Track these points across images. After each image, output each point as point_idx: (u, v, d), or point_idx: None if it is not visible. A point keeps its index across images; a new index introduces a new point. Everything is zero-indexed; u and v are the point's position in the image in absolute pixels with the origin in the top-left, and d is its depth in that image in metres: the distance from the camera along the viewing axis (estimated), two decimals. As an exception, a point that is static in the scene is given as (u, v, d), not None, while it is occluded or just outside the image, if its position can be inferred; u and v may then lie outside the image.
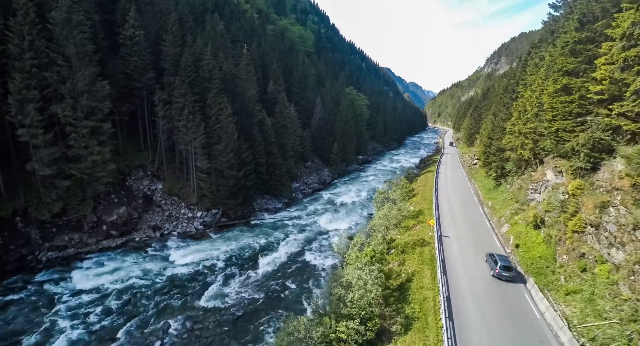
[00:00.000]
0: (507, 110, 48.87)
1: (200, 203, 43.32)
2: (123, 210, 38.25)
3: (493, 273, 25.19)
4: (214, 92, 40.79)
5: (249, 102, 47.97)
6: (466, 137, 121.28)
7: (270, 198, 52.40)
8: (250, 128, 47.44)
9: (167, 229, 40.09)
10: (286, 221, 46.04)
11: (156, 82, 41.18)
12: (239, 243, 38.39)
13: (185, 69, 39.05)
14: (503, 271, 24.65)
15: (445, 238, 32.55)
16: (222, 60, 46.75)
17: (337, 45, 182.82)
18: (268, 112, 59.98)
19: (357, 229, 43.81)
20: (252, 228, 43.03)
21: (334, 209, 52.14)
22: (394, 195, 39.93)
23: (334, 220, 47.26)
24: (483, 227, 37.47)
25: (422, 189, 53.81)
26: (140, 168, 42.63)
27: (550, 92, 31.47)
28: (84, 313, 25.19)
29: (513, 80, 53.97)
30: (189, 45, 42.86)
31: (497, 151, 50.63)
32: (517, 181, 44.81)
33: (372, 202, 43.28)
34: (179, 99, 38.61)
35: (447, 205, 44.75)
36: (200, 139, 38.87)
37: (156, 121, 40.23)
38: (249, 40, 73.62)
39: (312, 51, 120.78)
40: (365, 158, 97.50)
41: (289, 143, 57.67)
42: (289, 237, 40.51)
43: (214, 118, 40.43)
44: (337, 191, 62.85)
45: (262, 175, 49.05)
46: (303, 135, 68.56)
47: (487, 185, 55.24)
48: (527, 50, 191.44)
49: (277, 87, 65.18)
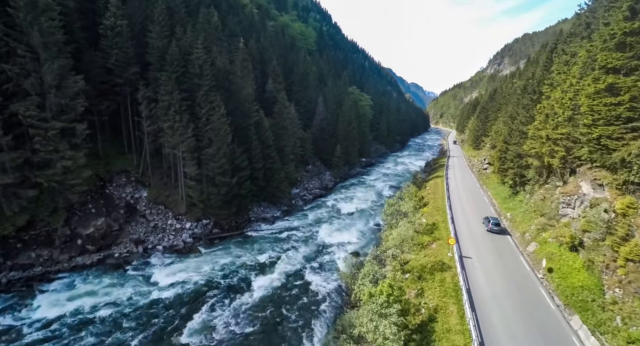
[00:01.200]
0: (528, 112, 44.64)
1: (190, 213, 39.11)
2: (101, 221, 34.03)
3: (487, 229, 35.38)
4: (205, 89, 36.56)
5: (244, 101, 43.75)
6: (472, 139, 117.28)
7: (267, 205, 48.18)
8: (246, 129, 43.21)
9: (152, 243, 35.86)
10: (285, 232, 41.81)
11: (141, 77, 36.95)
12: (231, 259, 34.18)
13: (172, 62, 34.79)
14: (494, 227, 35.03)
15: (466, 260, 28.37)
16: (216, 54, 42.51)
17: (340, 43, 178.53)
18: (266, 112, 55.72)
19: (363, 242, 39.68)
20: (247, 241, 38.81)
21: (337, 218, 47.92)
22: (405, 206, 35.67)
23: (338, 231, 43.04)
24: (506, 244, 33.28)
25: (433, 197, 49.62)
26: (123, 173, 38.39)
27: (589, 93, 27.27)
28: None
29: (532, 80, 49.75)
30: (178, 37, 38.59)
31: (515, 157, 46.46)
32: (540, 191, 40.67)
33: (381, 214, 39.06)
34: (164, 97, 34.39)
35: (462, 217, 40.58)
36: (188, 142, 34.65)
37: (140, 121, 35.98)
38: (247, 36, 69.36)
39: (313, 49, 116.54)
40: (369, 161, 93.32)
41: (288, 146, 53.47)
42: (288, 252, 36.30)
43: (204, 119, 36.20)
44: (340, 197, 58.66)
45: (258, 181, 44.83)
46: (304, 136, 64.35)
47: (502, 193, 51.15)
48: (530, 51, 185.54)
49: (277, 85, 60.95)
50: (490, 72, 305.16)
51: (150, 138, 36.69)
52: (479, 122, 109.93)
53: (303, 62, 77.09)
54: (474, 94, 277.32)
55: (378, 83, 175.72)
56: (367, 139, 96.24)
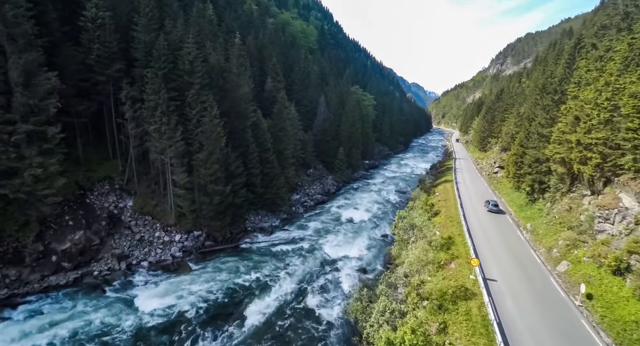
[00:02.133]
0: (548, 113, 41.04)
1: (180, 223, 35.58)
2: (80, 235, 30.52)
3: (487, 209, 41.98)
4: (196, 88, 33.04)
5: (241, 100, 40.22)
6: (478, 140, 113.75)
7: (265, 214, 44.64)
8: (242, 132, 39.70)
9: (137, 258, 32.35)
10: (284, 245, 38.26)
11: (126, 75, 33.44)
12: (224, 278, 30.64)
13: (159, 58, 31.26)
14: (493, 207, 41.66)
15: (491, 284, 24.79)
16: (210, 50, 38.97)
17: (341, 42, 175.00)
18: (265, 113, 52.21)
19: (370, 257, 36.15)
20: (242, 255, 35.28)
21: (341, 228, 44.35)
22: (418, 220, 32.01)
23: (341, 243, 39.49)
24: (531, 262, 29.68)
25: (444, 204, 46.00)
26: (106, 181, 34.86)
27: (635, 92, 23.72)
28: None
29: (551, 78, 46.10)
30: (168, 31, 35.09)
31: (534, 162, 42.88)
32: (564, 200, 37.08)
33: (391, 227, 35.46)
34: (150, 97, 30.88)
35: (479, 228, 37.02)
36: (176, 147, 31.12)
37: (124, 123, 32.47)
38: (245, 32, 65.89)
39: (314, 48, 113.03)
40: (372, 163, 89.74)
41: (288, 149, 49.93)
42: (287, 269, 32.74)
43: (194, 121, 32.67)
44: (343, 203, 55.10)
45: (255, 188, 41.29)
46: (305, 138, 60.84)
47: (517, 200, 47.57)
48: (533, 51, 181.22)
49: (276, 84, 57.43)
50: (492, 72, 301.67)
51: (136, 142, 33.17)
52: (485, 123, 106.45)
53: (304, 60, 73.59)
54: (477, 94, 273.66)
55: (380, 82, 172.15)
56: (371, 141, 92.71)
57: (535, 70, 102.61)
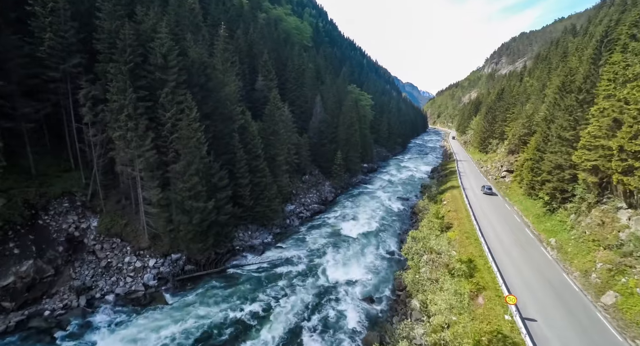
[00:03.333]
0: (571, 115, 36.76)
1: (155, 246, 30.36)
2: (28, 265, 25.12)
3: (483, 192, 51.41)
4: (171, 86, 27.84)
5: (226, 101, 35.10)
6: (478, 141, 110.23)
7: (256, 229, 39.57)
8: (227, 137, 34.61)
9: (101, 290, 27.05)
10: (277, 267, 33.27)
11: (88, 71, 28.08)
12: (205, 313, 25.56)
13: (125, 50, 25.97)
14: (488, 190, 51.29)
15: (531, 326, 20.22)
16: (191, 43, 33.75)
17: (337, 40, 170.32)
18: (255, 114, 47.16)
19: (376, 280, 31.40)
20: (229, 282, 30.20)
21: (341, 244, 39.54)
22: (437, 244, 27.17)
23: (343, 263, 34.67)
24: (568, 290, 25.22)
25: (455, 216, 41.49)
26: (66, 197, 29.43)
27: None
28: None
29: (570, 76, 41.85)
30: (139, 20, 29.81)
31: (555, 168, 38.63)
32: (594, 213, 32.80)
33: (403, 251, 30.68)
34: (115, 96, 25.60)
35: (499, 245, 32.61)
36: (146, 157, 25.90)
37: (83, 129, 27.14)
38: (234, 26, 60.65)
39: (309, 45, 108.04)
40: (371, 167, 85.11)
41: (281, 154, 44.91)
42: (280, 301, 27.75)
43: (169, 125, 27.48)
44: (343, 213, 50.27)
45: (244, 201, 36.24)
46: (299, 142, 55.87)
47: (533, 209, 43.38)
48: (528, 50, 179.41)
49: (268, 82, 52.36)
50: (488, 71, 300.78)
51: (100, 151, 27.84)
52: (486, 123, 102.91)
53: (298, 57, 68.56)
54: (473, 94, 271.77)
55: (377, 82, 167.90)
56: (369, 143, 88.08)
57: (537, 69, 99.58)
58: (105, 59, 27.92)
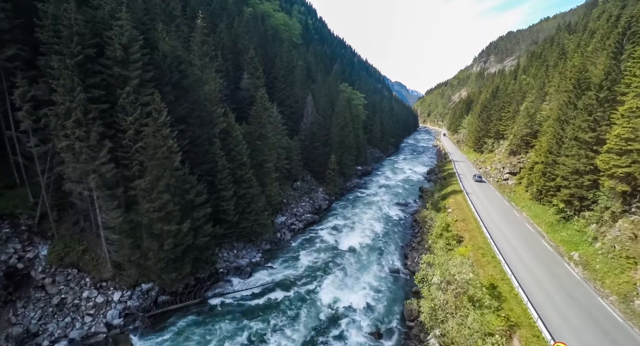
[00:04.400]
0: (591, 115, 33.38)
1: (121, 276, 25.37)
2: (-50, 310, 19.90)
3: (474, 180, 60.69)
4: (134, 84, 22.89)
5: (205, 101, 30.26)
6: (473, 140, 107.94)
7: (243, 246, 34.86)
8: (207, 143, 29.81)
9: (51, 335, 21.98)
10: (267, 294, 28.67)
11: (29, 66, 22.86)
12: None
13: (71, 38, 20.90)
14: (478, 178, 60.58)
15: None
16: (162, 35, 28.74)
17: (327, 38, 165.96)
18: (240, 116, 42.38)
19: (381, 307, 27.23)
20: (211, 317, 25.44)
21: (339, 260, 35.26)
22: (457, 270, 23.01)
23: (342, 286, 30.37)
24: (610, 320, 21.60)
25: (464, 227, 37.75)
26: (6, 221, 24.12)
27: None
28: None
29: (584, 72, 38.54)
30: (95, 5, 24.69)
31: (572, 173, 35.25)
32: (622, 223, 29.46)
33: (415, 279, 26.46)
34: (60, 98, 20.54)
35: (520, 265, 28.84)
36: (102, 172, 20.94)
37: (21, 138, 21.94)
38: (218, 20, 55.56)
39: (299, 42, 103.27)
40: (365, 169, 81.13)
41: (270, 161, 40.27)
42: (271, 337, 23.25)
43: (132, 132, 22.55)
44: (338, 223, 45.99)
45: (228, 216, 31.52)
46: (290, 145, 51.29)
47: (544, 216, 40.17)
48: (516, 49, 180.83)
49: (255, 81, 47.53)
50: (476, 70, 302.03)
51: (45, 166, 22.68)
52: (481, 122, 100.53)
53: (287, 54, 63.82)
54: (463, 92, 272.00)
55: (368, 80, 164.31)
56: (363, 144, 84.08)
57: (533, 66, 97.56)
58: (49, 50, 22.73)
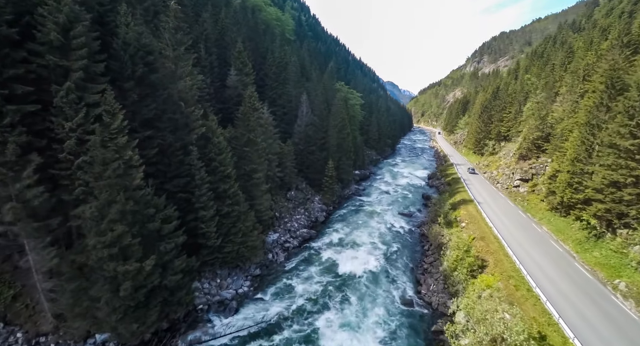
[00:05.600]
0: (632, 119, 28.87)
1: (65, 328, 19.58)
2: None
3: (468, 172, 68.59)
4: (77, 77, 17.17)
5: (179, 101, 24.58)
6: (472, 142, 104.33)
7: (228, 274, 29.30)
8: (181, 153, 24.15)
9: None
10: (254, 340, 23.22)
11: None
12: None
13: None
14: (471, 170, 69.17)
15: None
16: (126, 18, 22.95)
17: (320, 35, 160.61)
18: (226, 118, 36.77)
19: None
20: (181, 376, 19.93)
21: (341, 288, 30.03)
22: (503, 327, 17.81)
23: (346, 326, 25.12)
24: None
25: (485, 247, 32.92)
26: None
27: None
28: None
29: (614, 70, 34.16)
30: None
31: (607, 186, 30.78)
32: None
33: (446, 331, 21.28)
34: (-36, 96, 14.73)
35: (563, 300, 24.08)
36: (27, 198, 15.20)
37: None
38: (202, 10, 49.64)
39: (292, 38, 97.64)
40: (364, 173, 76.11)
41: (260, 170, 34.75)
42: None
43: (72, 143, 16.83)
44: (337, 239, 40.73)
45: (208, 240, 25.93)
46: (283, 150, 45.83)
47: (568, 231, 35.96)
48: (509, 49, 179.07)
49: (243, 77, 41.84)
50: (470, 70, 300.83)
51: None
52: (481, 124, 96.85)
53: (280, 50, 58.23)
54: (458, 92, 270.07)
55: (363, 80, 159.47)
56: (361, 146, 79.08)
57: (534, 66, 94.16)
58: (-39, 33, 16.79)
